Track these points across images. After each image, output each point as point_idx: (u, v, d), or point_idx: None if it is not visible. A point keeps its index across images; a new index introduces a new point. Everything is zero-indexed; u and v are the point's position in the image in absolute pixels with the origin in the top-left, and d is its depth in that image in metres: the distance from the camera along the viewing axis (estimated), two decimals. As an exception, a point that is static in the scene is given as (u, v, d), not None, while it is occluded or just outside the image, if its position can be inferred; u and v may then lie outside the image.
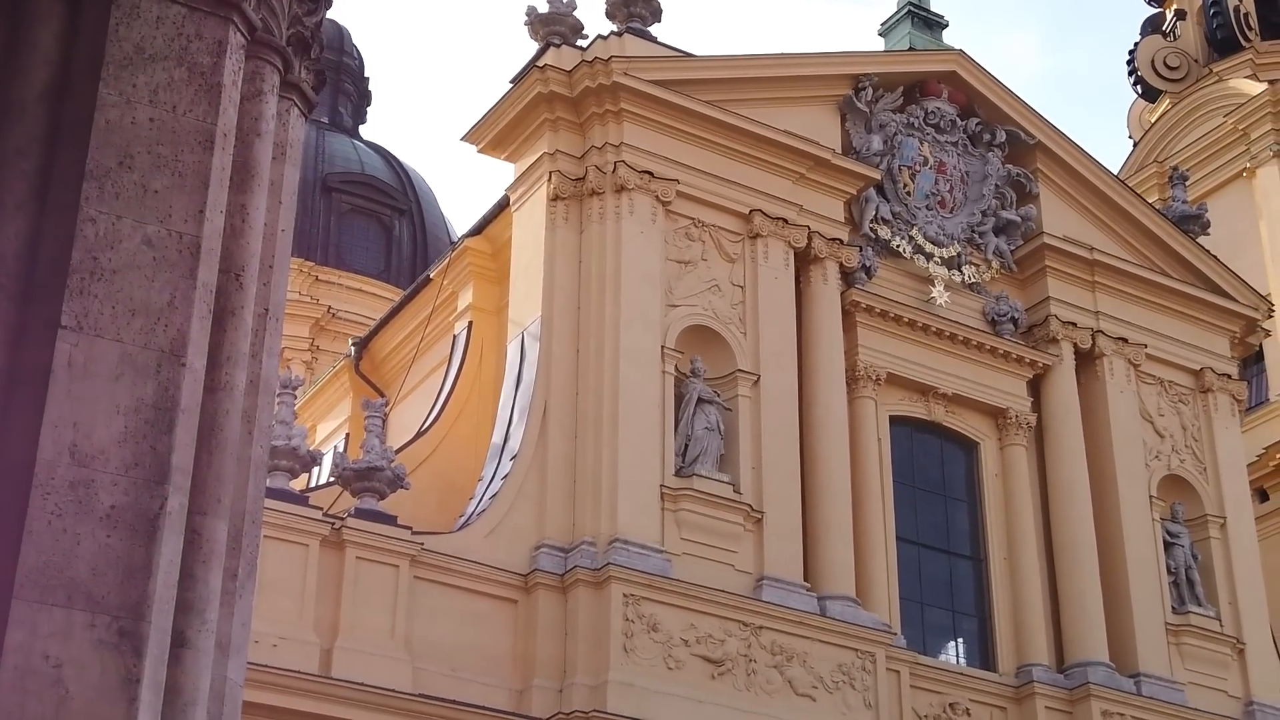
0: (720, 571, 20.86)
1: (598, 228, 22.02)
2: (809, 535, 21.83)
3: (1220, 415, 26.27)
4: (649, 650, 19.74)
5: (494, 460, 21.23)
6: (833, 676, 20.86)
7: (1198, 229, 27.65)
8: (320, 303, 39.29)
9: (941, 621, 23.60)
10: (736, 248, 22.91)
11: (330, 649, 18.54)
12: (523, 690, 19.44)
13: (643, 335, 21.46)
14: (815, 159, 23.60)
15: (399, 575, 19.23)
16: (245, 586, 5.78)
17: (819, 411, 22.60)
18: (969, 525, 24.20)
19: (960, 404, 24.37)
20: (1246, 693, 24.40)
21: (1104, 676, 23.01)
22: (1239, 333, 27.09)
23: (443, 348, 24.46)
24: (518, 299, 22.48)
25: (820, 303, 23.32)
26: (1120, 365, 25.62)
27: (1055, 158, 26.35)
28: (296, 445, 19.17)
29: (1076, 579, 23.78)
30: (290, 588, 18.44)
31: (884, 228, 24.48)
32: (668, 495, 20.85)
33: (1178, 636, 24.16)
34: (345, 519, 19.15)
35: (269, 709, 17.45)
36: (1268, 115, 34.27)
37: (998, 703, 22.74)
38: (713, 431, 21.56)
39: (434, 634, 19.30)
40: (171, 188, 5.43)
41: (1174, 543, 24.88)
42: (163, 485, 5.19)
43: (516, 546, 20.19)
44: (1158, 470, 25.36)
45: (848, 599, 21.50)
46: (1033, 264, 25.66)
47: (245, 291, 5.68)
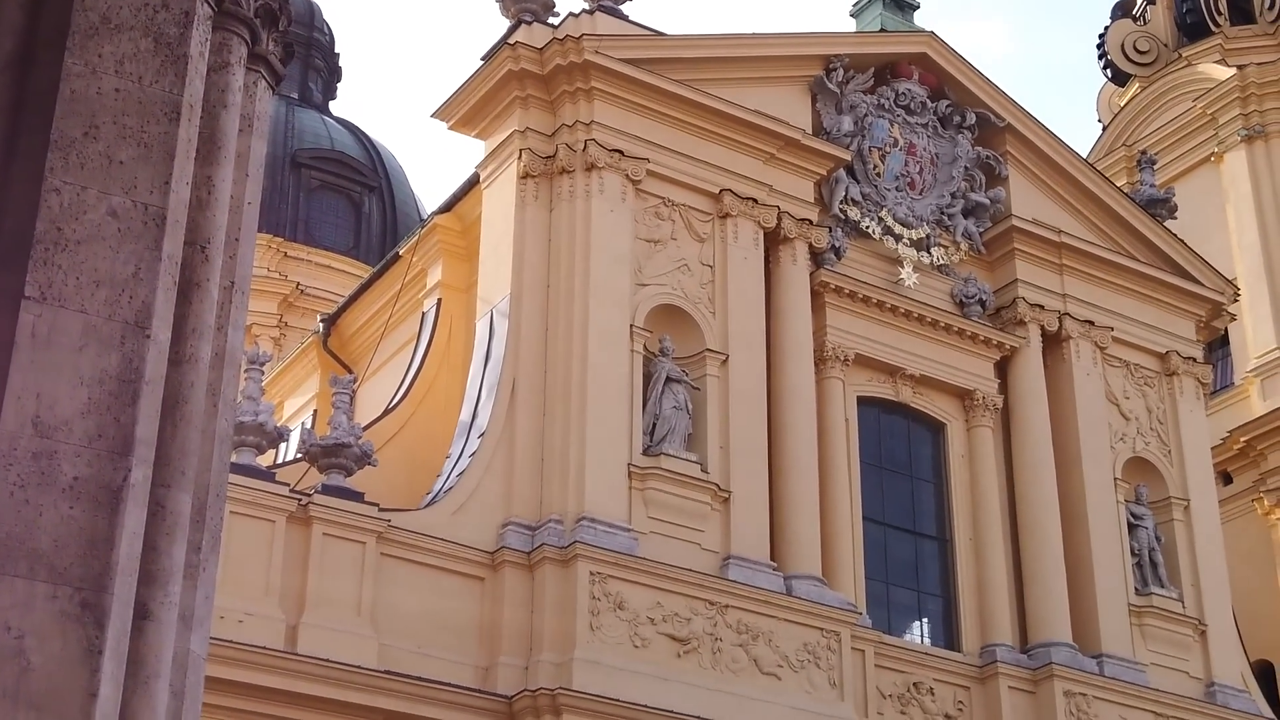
0: (687, 550, 20.91)
1: (568, 206, 22.00)
2: (776, 515, 21.90)
3: (1185, 398, 26.43)
4: (615, 628, 19.78)
5: (462, 438, 21.22)
6: (798, 655, 20.94)
7: (1165, 213, 27.79)
8: (289, 279, 39.17)
9: (907, 601, 23.71)
10: (706, 227, 22.91)
11: (296, 625, 18.53)
12: (489, 667, 19.47)
13: (612, 314, 21.46)
14: (785, 139, 23.63)
15: (365, 552, 19.22)
16: (209, 560, 5.77)
17: (787, 391, 22.65)
18: (935, 506, 24.32)
19: (927, 385, 24.46)
20: (1207, 674, 24.60)
21: (1067, 657, 23.17)
22: (1205, 316, 27.25)
23: (411, 325, 24.42)
24: (487, 276, 22.45)
25: (789, 283, 23.36)
26: (1087, 348, 25.75)
27: (1025, 141, 26.43)
28: (264, 421, 19.13)
29: (1041, 560, 23.93)
30: (256, 563, 18.42)
31: (853, 209, 24.52)
32: (635, 474, 20.88)
33: (1140, 618, 24.34)
34: (312, 495, 19.13)
35: (234, 684, 17.42)
36: (1236, 101, 34.42)
37: (961, 682, 22.87)
38: (680, 410, 21.60)
39: (400, 611, 19.30)
40: (137, 159, 5.41)
41: (1138, 525, 25.05)
42: (126, 457, 5.18)
43: (484, 524, 20.20)
44: (1123, 452, 25.51)
45: (814, 578, 21.58)
46: (1001, 246, 25.75)
47: (211, 264, 5.66)
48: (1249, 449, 31.37)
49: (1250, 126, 34.13)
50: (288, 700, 17.95)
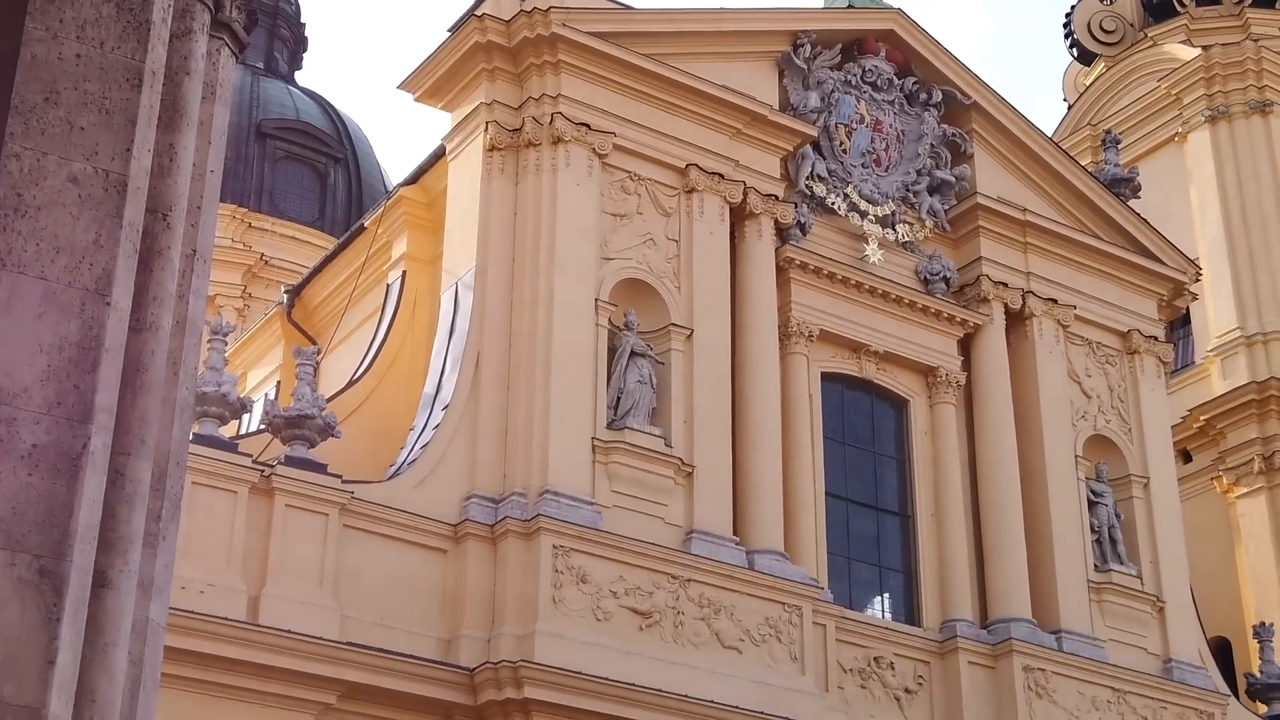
0: (650, 524, 20.95)
1: (534, 179, 21.96)
2: (739, 490, 21.96)
3: (1146, 377, 26.60)
4: (577, 601, 19.82)
5: (425, 410, 21.20)
6: (760, 629, 21.02)
7: (1129, 192, 27.92)
8: (253, 249, 39.02)
9: (868, 577, 23.82)
10: (672, 202, 22.91)
11: (258, 596, 18.50)
12: (450, 640, 19.48)
13: (577, 287, 21.45)
14: (752, 115, 23.62)
15: (328, 523, 19.19)
16: (169, 528, 5.76)
17: (751, 367, 22.70)
18: (897, 482, 24.43)
19: (891, 361, 24.55)
20: (1165, 650, 24.81)
21: (1026, 632, 23.33)
22: (1167, 295, 27.41)
23: (376, 297, 24.35)
24: (452, 249, 22.40)
25: (754, 258, 23.38)
26: (1049, 326, 25.88)
27: (990, 119, 26.51)
28: (226, 392, 19.05)
29: (1002, 536, 24.07)
30: (218, 534, 18.37)
31: (819, 185, 24.55)
32: (599, 448, 20.90)
33: (1099, 594, 24.52)
34: (275, 466, 19.08)
35: (195, 655, 17.39)
36: (1200, 81, 34.59)
37: (922, 657, 23.01)
38: (645, 385, 21.62)
39: (362, 583, 19.29)
40: (98, 125, 5.38)
41: (1098, 502, 25.22)
42: (86, 425, 5.16)
43: (447, 496, 20.19)
44: (1084, 430, 25.67)
45: (776, 553, 21.66)
46: (966, 224, 25.83)
47: (173, 231, 5.63)
48: (1209, 428, 31.63)
49: (1214, 107, 34.32)
50: (249, 671, 17.93)
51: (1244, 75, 34.30)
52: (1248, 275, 32.65)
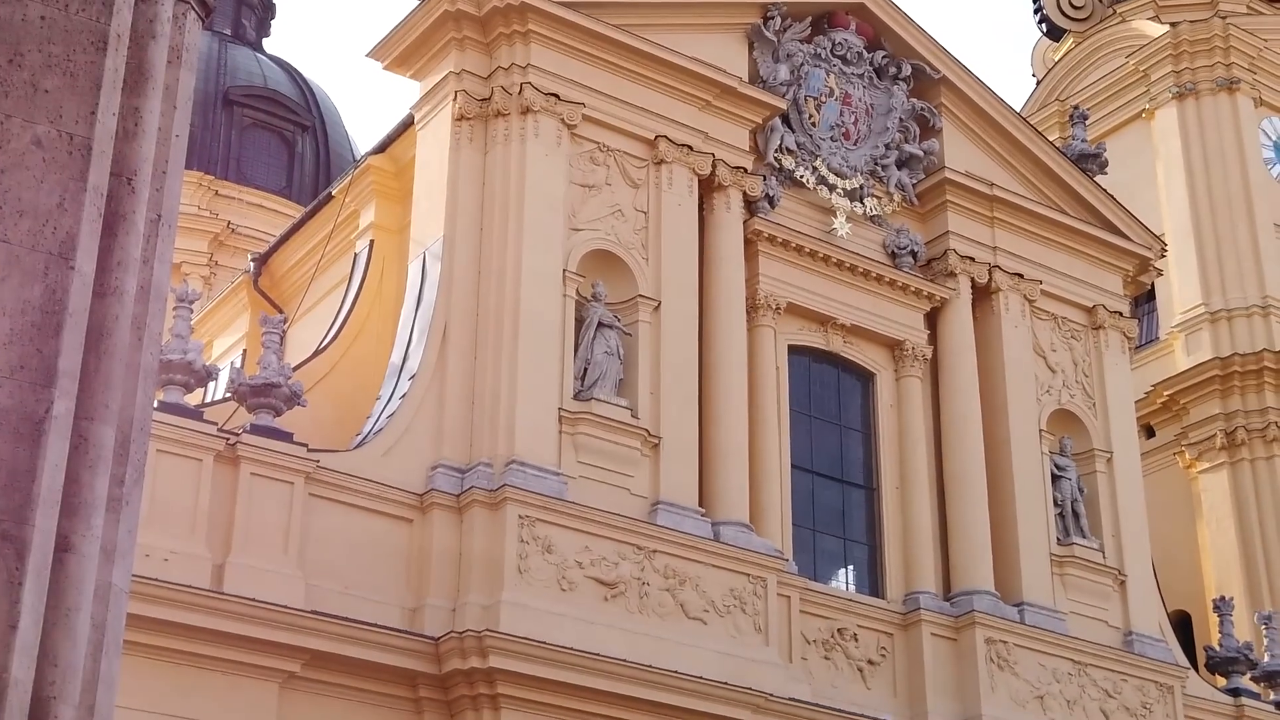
0: (616, 495, 20.99)
1: (502, 149, 21.91)
2: (705, 461, 22.02)
3: (1111, 352, 26.75)
4: (543, 571, 19.85)
5: (392, 380, 21.17)
6: (724, 601, 21.10)
7: (1096, 168, 28.02)
8: (220, 217, 38.84)
9: (833, 549, 23.93)
10: (641, 173, 22.89)
11: (222, 564, 18.47)
12: (416, 609, 19.50)
13: (544, 258, 21.43)
14: (722, 87, 23.61)
15: (294, 492, 19.16)
16: (132, 493, 5.75)
17: (718, 339, 22.74)
18: (863, 455, 24.52)
19: (858, 335, 24.62)
20: (1126, 623, 25.01)
21: (989, 605, 23.48)
22: (1132, 271, 27.55)
23: (343, 266, 24.27)
24: (420, 219, 22.34)
25: (722, 231, 23.40)
26: (1016, 300, 25.99)
27: (959, 93, 26.55)
28: (192, 359, 18.97)
29: (966, 509, 24.20)
30: (183, 502, 18.32)
31: (788, 158, 24.57)
32: (566, 418, 20.91)
33: (1061, 567, 24.70)
34: (240, 435, 19.03)
35: (159, 623, 17.36)
36: (1168, 58, 34.71)
37: (885, 629, 23.14)
38: (612, 356, 21.63)
39: (328, 551, 19.28)
40: (63, 88, 5.35)
41: (1061, 476, 25.37)
42: (49, 389, 5.15)
43: (413, 466, 20.18)
44: (1048, 404, 25.81)
45: (741, 525, 21.74)
46: (934, 198, 25.90)
47: (137, 196, 5.61)
48: (1172, 403, 31.86)
49: (1182, 84, 34.45)
50: (213, 639, 17.91)
51: (1211, 52, 34.43)
52: (1212, 252, 32.84)
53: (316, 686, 18.62)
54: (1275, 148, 34.58)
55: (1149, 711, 24.39)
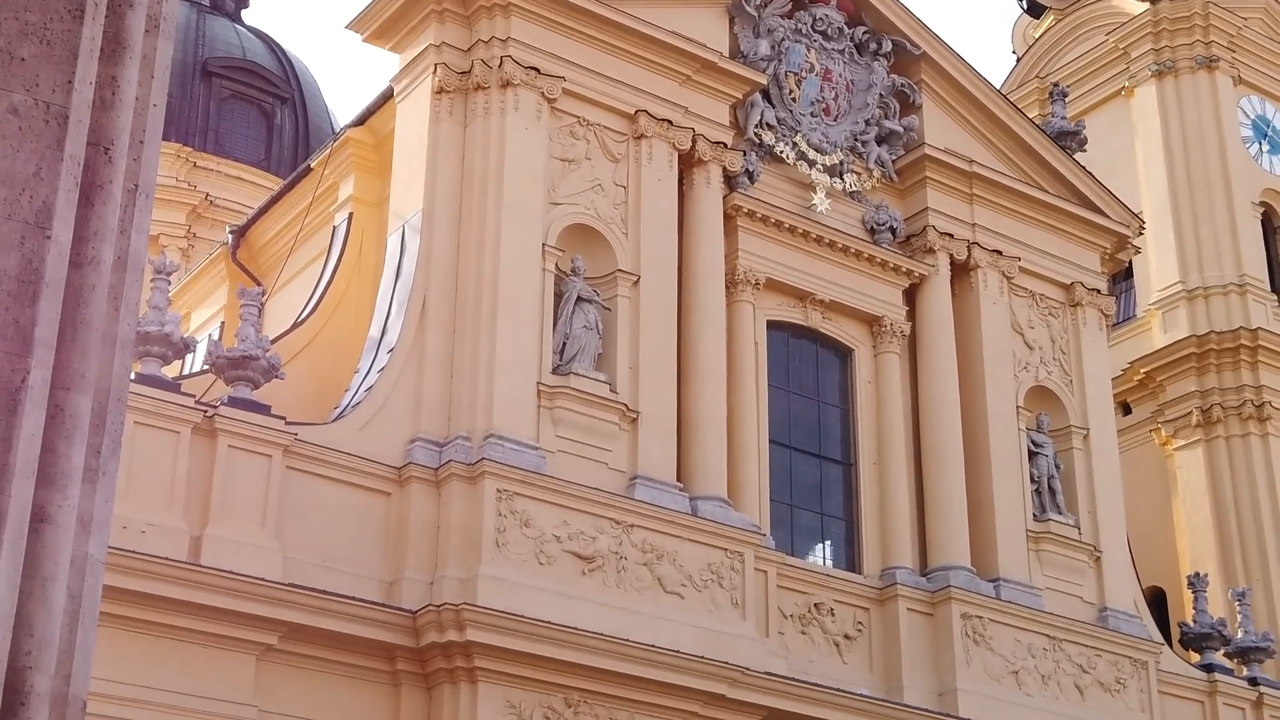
0: (594, 469, 21.01)
1: (482, 122, 21.86)
2: (683, 436, 22.05)
3: (1088, 329, 26.83)
4: (521, 545, 19.87)
5: (371, 353, 21.15)
6: (701, 575, 21.15)
7: (1075, 145, 28.06)
8: (198, 189, 38.67)
9: (810, 524, 24.00)
10: (621, 148, 22.87)
11: (200, 537, 18.45)
12: (393, 582, 19.51)
13: (524, 232, 21.41)
14: (702, 61, 23.57)
15: (271, 465, 19.14)
16: (109, 464, 5.73)
17: (697, 314, 22.75)
18: (840, 430, 24.58)
19: (837, 310, 24.65)
20: (1101, 599, 25.15)
21: (965, 580, 23.58)
22: (1110, 249, 27.62)
23: (322, 238, 24.22)
24: (399, 191, 22.29)
25: (702, 206, 23.39)
26: (994, 277, 26.04)
27: (940, 70, 26.55)
28: (170, 331, 18.92)
29: (942, 485, 24.29)
30: (160, 474, 18.29)
31: (768, 133, 24.56)
32: (544, 392, 20.92)
33: (1037, 543, 24.81)
34: (218, 407, 19.00)
35: (136, 595, 17.36)
36: (1148, 35, 34.73)
37: (861, 603, 23.23)
38: (591, 330, 21.63)
39: (305, 524, 19.28)
40: (39, 56, 5.31)
41: (1038, 452, 25.46)
42: (25, 358, 5.12)
43: (391, 439, 20.18)
44: (1025, 381, 25.88)
45: (719, 499, 21.78)
46: (913, 174, 25.92)
47: (114, 166, 5.58)
48: (1149, 380, 31.97)
49: (1161, 62, 34.48)
50: (190, 611, 17.90)
51: (1191, 30, 34.47)
52: (1190, 230, 32.93)
53: (294, 659, 18.63)
54: (1254, 126, 34.67)
55: (1123, 687, 24.55)
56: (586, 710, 19.62)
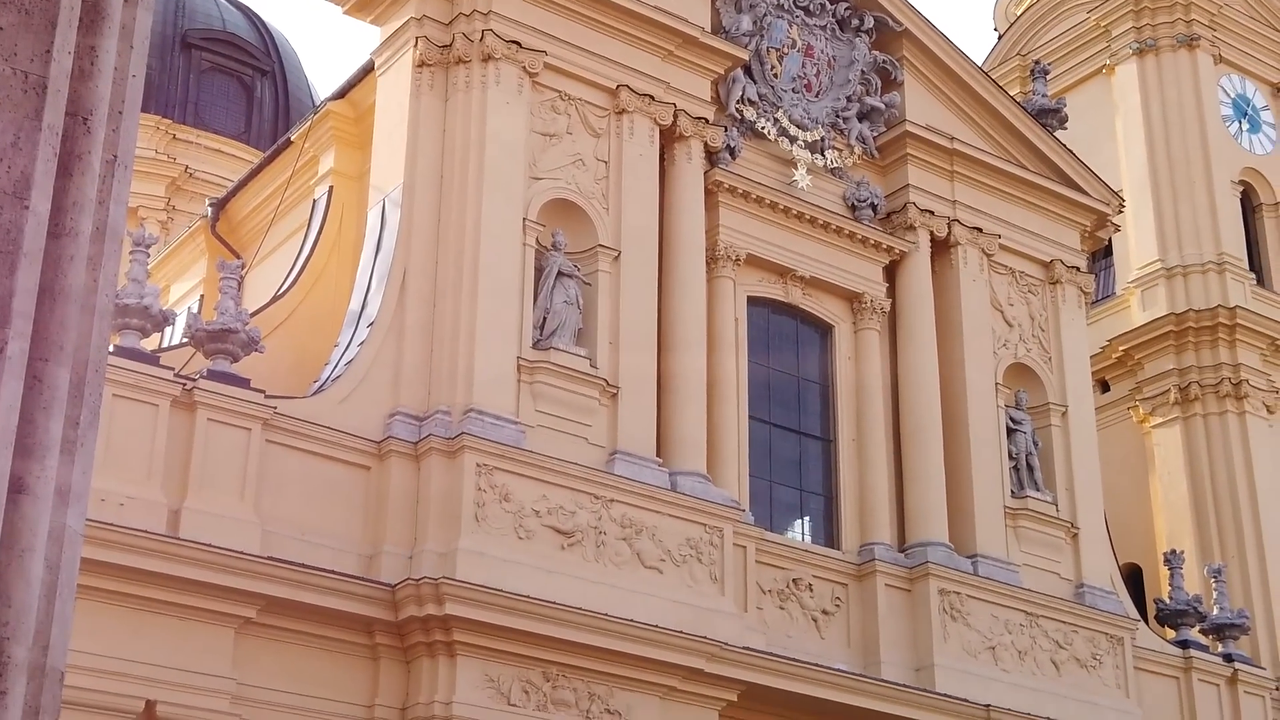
0: (574, 444, 21.02)
1: (463, 96, 21.80)
2: (663, 411, 22.08)
3: (1067, 306, 26.91)
4: (500, 520, 19.88)
5: (351, 326, 21.11)
6: (680, 550, 21.19)
7: (1056, 123, 28.09)
8: (177, 162, 38.52)
9: (789, 500, 24.07)
10: (602, 123, 22.83)
11: (179, 510, 18.42)
12: (372, 556, 19.51)
13: (504, 206, 21.38)
14: (684, 36, 23.53)
15: (250, 438, 19.11)
16: (87, 435, 5.72)
17: (677, 290, 22.75)
18: (820, 406, 24.63)
19: (817, 287, 24.68)
20: (1078, 575, 25.27)
21: (942, 556, 23.67)
22: (1090, 226, 27.69)
23: (302, 212, 24.15)
24: (380, 165, 22.24)
25: (683, 181, 23.38)
26: (974, 254, 26.09)
27: (921, 46, 26.55)
28: (149, 304, 18.86)
29: (921, 462, 24.36)
30: (139, 447, 18.25)
31: (749, 109, 24.54)
32: (524, 367, 20.91)
33: (1015, 520, 24.91)
34: (197, 380, 18.95)
35: (115, 567, 17.33)
36: (1129, 13, 34.76)
37: (840, 579, 23.31)
38: (571, 305, 21.62)
39: (285, 498, 19.26)
40: (17, 25, 5.29)
41: (1016, 429, 25.55)
42: (3, 329, 5.11)
43: (371, 413, 20.16)
44: (1005, 358, 25.96)
45: (698, 475, 21.81)
46: (894, 151, 25.93)
47: (93, 136, 5.56)
48: (1127, 358, 32.08)
49: (1142, 40, 34.52)
50: (169, 584, 17.87)
51: (1172, 9, 34.51)
52: (1170, 208, 33.01)
53: (272, 632, 18.63)
54: (1234, 105, 34.75)
55: (1099, 663, 24.68)
56: (565, 684, 19.67)
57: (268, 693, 18.42)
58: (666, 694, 20.36)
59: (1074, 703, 23.97)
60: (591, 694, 19.84)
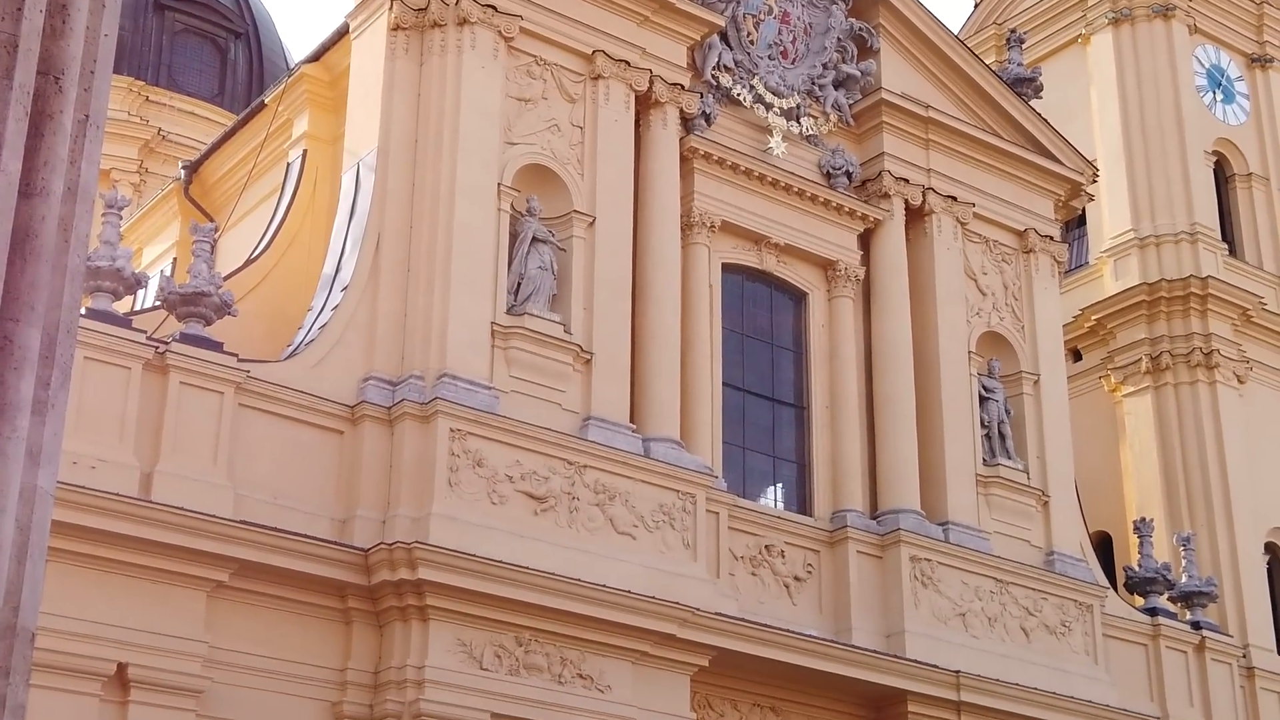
0: (547, 410, 21.03)
1: (438, 60, 21.71)
2: (637, 378, 22.10)
3: (1041, 276, 26.99)
4: (473, 485, 19.90)
5: (324, 290, 21.06)
6: (653, 516, 21.24)
7: (1031, 92, 28.12)
8: (150, 124, 38.30)
9: (762, 466, 24.13)
10: (578, 88, 22.77)
11: (151, 473, 18.38)
12: (345, 520, 19.51)
13: (479, 171, 21.32)
14: (660, 2, 23.45)
15: (223, 402, 19.06)
16: (58, 396, 5.71)
17: (652, 256, 22.75)
18: (794, 374, 24.68)
19: (791, 254, 24.71)
20: (1048, 543, 25.42)
21: (914, 523, 23.78)
22: (1064, 196, 27.76)
23: (276, 175, 24.05)
24: (354, 129, 22.15)
25: (659, 147, 23.35)
26: (948, 223, 26.14)
27: (897, 14, 26.53)
28: (121, 266, 18.77)
29: (894, 429, 24.44)
30: (111, 411, 18.19)
31: (725, 75, 24.51)
32: (498, 332, 20.90)
33: (986, 487, 25.03)
34: (170, 343, 18.89)
35: (87, 530, 17.30)
36: (1105, -17, 34.76)
37: (812, 546, 23.40)
38: (546, 271, 21.60)
39: (257, 462, 19.24)
40: (-13, -17, 5.26)
41: (989, 397, 25.65)
42: (-27, 289, 5.10)
43: (344, 378, 20.13)
44: (978, 327, 26.04)
45: (671, 441, 21.85)
46: (870, 119, 25.93)
47: (65, 95, 5.53)
48: (1099, 327, 32.19)
49: (1118, 9, 34.53)
50: (141, 547, 17.84)
51: (1148, -22, 34.53)
52: (1143, 178, 33.09)
53: (245, 596, 18.63)
54: (1208, 76, 34.82)
55: (1068, 630, 24.86)
56: (537, 649, 19.72)
57: (240, 656, 18.42)
58: (638, 659, 20.43)
59: (1043, 669, 24.14)
60: (564, 659, 19.90)
